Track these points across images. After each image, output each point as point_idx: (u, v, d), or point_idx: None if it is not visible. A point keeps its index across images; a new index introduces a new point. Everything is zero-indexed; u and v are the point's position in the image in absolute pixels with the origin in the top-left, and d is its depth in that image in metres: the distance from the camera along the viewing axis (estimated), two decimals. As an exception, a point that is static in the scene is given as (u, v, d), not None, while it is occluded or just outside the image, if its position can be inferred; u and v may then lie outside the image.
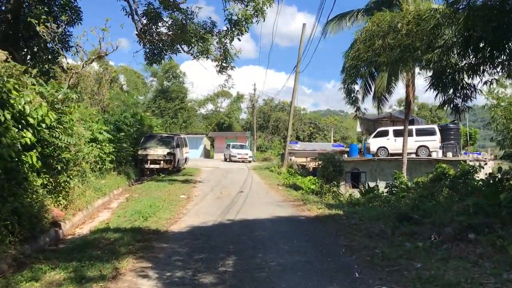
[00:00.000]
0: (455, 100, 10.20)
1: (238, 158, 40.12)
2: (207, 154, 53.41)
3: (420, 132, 30.56)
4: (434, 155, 30.07)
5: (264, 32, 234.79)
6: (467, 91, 9.87)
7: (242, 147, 42.75)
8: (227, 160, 41.60)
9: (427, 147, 30.26)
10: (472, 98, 10.01)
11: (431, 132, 30.63)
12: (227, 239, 8.19)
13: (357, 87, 20.56)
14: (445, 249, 6.81)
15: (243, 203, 12.85)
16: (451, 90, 10.09)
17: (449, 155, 30.26)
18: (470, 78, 9.60)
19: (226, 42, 19.46)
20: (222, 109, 69.68)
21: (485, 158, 31.71)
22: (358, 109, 21.21)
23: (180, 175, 22.70)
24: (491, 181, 9.82)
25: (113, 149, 17.94)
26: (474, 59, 9.10)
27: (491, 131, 33.84)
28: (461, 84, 9.85)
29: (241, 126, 68.98)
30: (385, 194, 18.87)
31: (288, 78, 69.14)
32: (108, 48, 14.23)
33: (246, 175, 23.98)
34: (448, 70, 9.73)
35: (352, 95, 19.33)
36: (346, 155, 35.25)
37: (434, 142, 30.24)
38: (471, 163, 26.37)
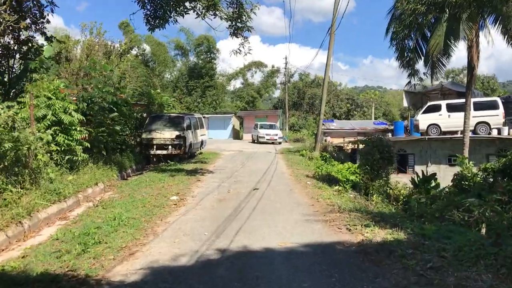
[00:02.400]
0: None
1: (267, 139, 35.94)
2: (236, 135, 49.73)
3: (480, 106, 25.51)
4: (494, 133, 25.32)
5: (298, 7, 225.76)
6: None
7: (271, 127, 38.49)
8: (255, 141, 37.54)
9: (488, 124, 25.45)
10: None
11: (492, 106, 25.67)
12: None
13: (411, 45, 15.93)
14: None
15: (252, 211, 8.83)
16: None
17: (505, 132, 25.41)
18: None
19: (239, -6, 15.51)
20: (256, 83, 65.19)
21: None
22: (414, 74, 16.54)
23: (191, 163, 18.92)
24: None
25: (99, 134, 14.41)
26: None
27: None
28: None
29: (273, 104, 64.57)
30: (449, 188, 14.64)
31: (322, 44, 63.35)
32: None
33: (270, 161, 19.90)
34: None
35: (406, 54, 14.76)
36: (390, 134, 30.83)
37: (496, 118, 25.41)
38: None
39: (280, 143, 36.60)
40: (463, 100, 27.08)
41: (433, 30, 17.81)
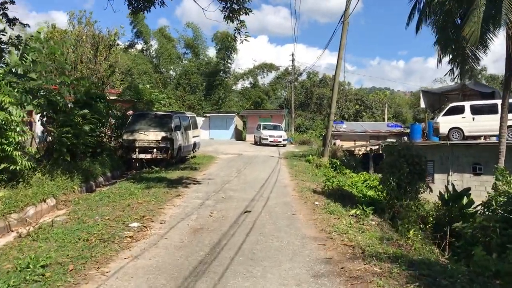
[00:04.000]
0: None
1: (270, 141, 33.01)
2: (238, 136, 46.90)
3: (509, 108, 22.46)
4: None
5: (303, 8, 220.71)
6: None
7: (275, 127, 35.54)
8: (257, 143, 34.66)
9: (520, 128, 22.49)
10: None
11: (525, 108, 22.76)
12: None
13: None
14: None
15: (235, 255, 6.04)
16: None
17: (548, 138, 22.38)
18: None
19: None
20: (266, 84, 62.47)
21: None
22: (467, 60, 13.76)
23: (179, 169, 16.14)
24: None
25: (63, 135, 11.77)
26: None
27: None
28: None
29: (279, 104, 61.58)
30: (483, 207, 11.89)
31: (334, 32, 59.21)
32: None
33: (272, 169, 17.07)
34: None
35: (451, 33, 11.87)
36: (406, 138, 28.01)
37: (526, 121, 22.46)
38: None
39: (284, 145, 33.75)
40: (490, 101, 24.28)
41: (466, 17, 14.99)
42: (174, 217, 8.47)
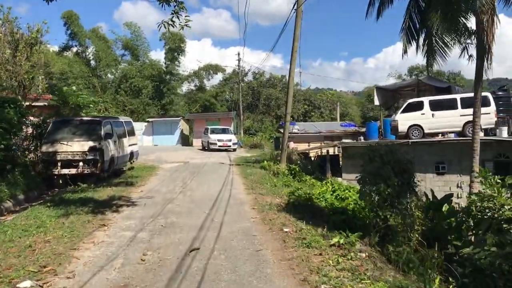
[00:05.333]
0: None
1: (219, 146, 30.62)
2: (185, 141, 44.18)
3: (468, 103, 21.37)
4: (481, 134, 21.49)
5: (243, 11, 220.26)
6: None
7: (224, 131, 33.18)
8: (206, 148, 32.17)
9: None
10: None
11: (482, 103, 21.76)
12: None
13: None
14: None
15: None
16: None
17: (504, 133, 21.51)
18: None
19: None
20: (213, 87, 60.47)
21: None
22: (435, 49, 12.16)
23: (112, 185, 13.40)
24: None
25: None
26: None
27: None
28: None
29: (226, 106, 59.27)
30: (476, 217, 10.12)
31: (286, 23, 55.83)
32: None
33: (224, 180, 14.69)
34: None
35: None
36: (362, 138, 26.59)
37: (487, 117, 21.54)
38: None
39: (234, 150, 31.46)
40: (449, 96, 23.19)
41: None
42: (89, 265, 5.92)
